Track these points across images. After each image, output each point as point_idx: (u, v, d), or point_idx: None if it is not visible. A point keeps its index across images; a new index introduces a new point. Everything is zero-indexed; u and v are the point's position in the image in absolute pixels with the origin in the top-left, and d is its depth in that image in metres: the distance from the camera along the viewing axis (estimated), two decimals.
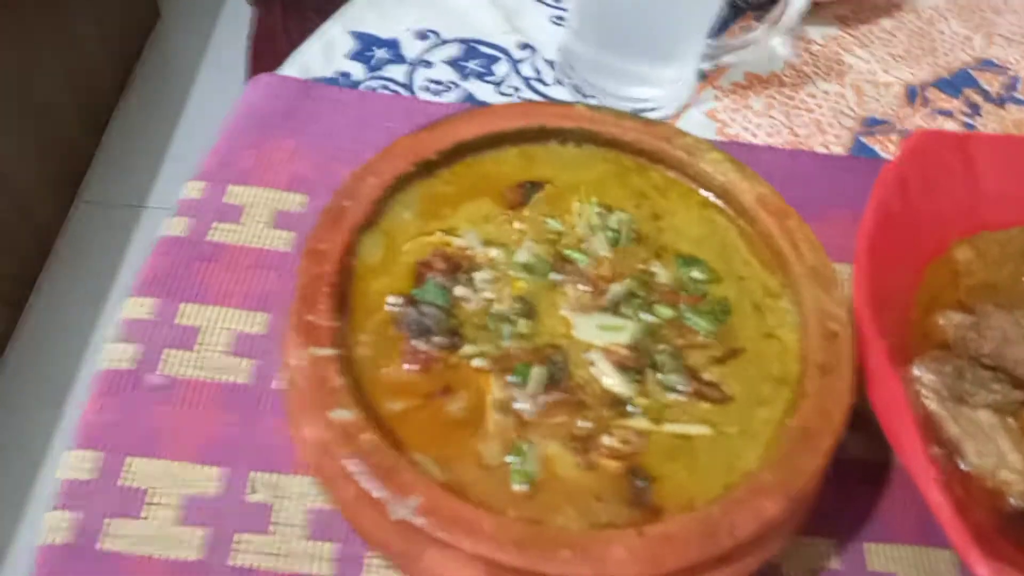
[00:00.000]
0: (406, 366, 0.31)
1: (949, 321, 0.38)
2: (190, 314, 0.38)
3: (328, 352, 0.29)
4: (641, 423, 0.30)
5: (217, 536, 0.32)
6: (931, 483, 0.29)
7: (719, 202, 0.37)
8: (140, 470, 0.33)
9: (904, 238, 0.38)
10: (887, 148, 0.52)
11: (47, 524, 0.32)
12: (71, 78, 1.25)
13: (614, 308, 0.33)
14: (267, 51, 0.97)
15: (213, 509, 0.33)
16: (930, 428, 0.34)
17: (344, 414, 0.27)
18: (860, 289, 0.34)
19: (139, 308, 0.38)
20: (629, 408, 0.30)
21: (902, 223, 0.38)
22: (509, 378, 0.31)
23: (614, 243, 0.35)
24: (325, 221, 0.32)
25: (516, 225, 0.35)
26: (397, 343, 0.31)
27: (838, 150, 0.51)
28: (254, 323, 0.38)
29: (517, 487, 0.28)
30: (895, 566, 0.34)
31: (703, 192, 0.37)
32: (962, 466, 0.33)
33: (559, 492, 0.28)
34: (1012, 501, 0.32)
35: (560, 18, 0.56)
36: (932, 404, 0.35)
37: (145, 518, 0.32)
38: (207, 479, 0.33)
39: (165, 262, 0.40)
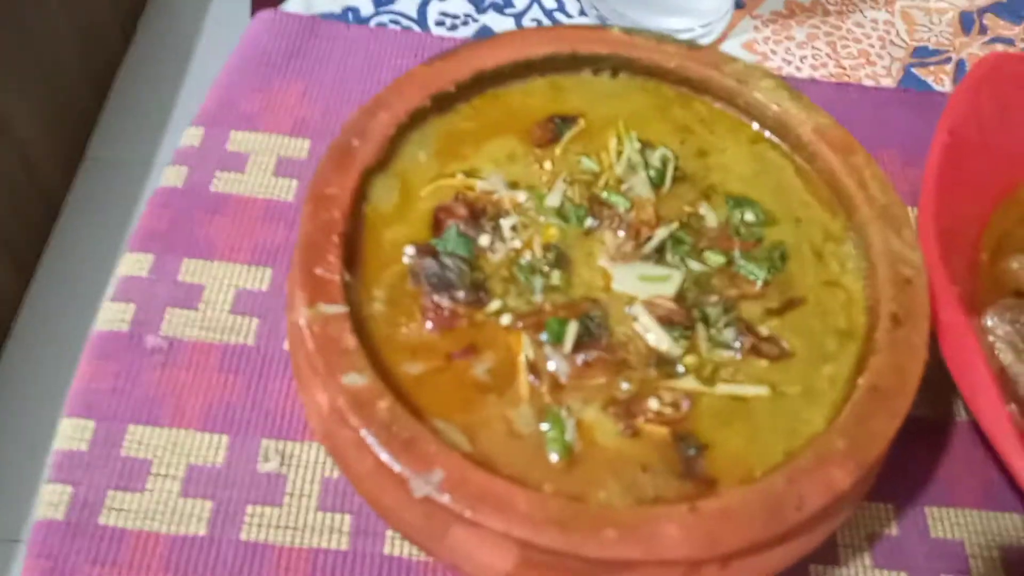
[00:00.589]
0: (426, 324, 0.28)
1: (1022, 265, 0.35)
2: (192, 270, 0.36)
3: (338, 309, 0.26)
4: (690, 384, 0.27)
5: (226, 509, 0.31)
6: (1010, 441, 0.27)
7: (773, 136, 0.33)
8: (141, 439, 0.32)
9: (973, 174, 0.35)
10: (941, 81, 0.49)
11: (44, 498, 0.31)
12: (76, 33, 1.24)
13: (658, 256, 0.30)
14: None
15: (221, 480, 0.31)
16: (1005, 384, 0.32)
17: (358, 379, 0.24)
18: (926, 231, 0.31)
19: (137, 265, 0.36)
20: (677, 368, 0.28)
21: (972, 157, 0.35)
22: (541, 336, 0.28)
23: (656, 184, 0.32)
24: (332, 162, 0.28)
25: (546, 165, 0.33)
26: (415, 299, 0.28)
27: (887, 82, 0.48)
28: (260, 279, 0.36)
29: (553, 458, 0.25)
30: (959, 532, 0.32)
31: (754, 125, 0.34)
32: None
33: (600, 463, 0.25)
34: None
35: None
36: (1007, 358, 0.32)
37: (149, 490, 0.31)
38: (214, 447, 0.32)
39: (164, 215, 0.38)
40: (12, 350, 1.09)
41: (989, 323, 0.33)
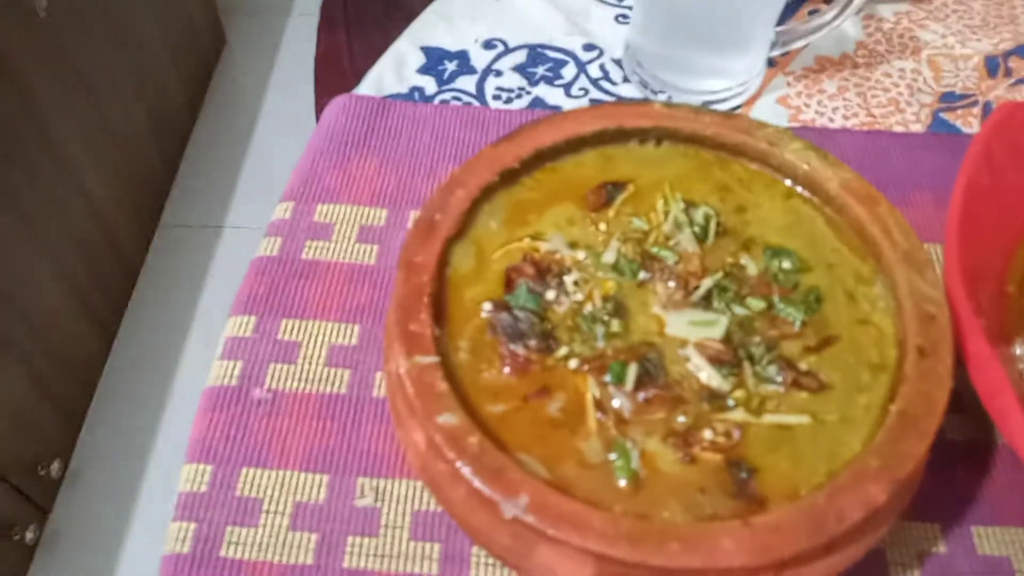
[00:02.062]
0: (504, 370, 0.31)
1: None
2: (290, 329, 0.39)
3: (431, 360, 0.30)
4: (740, 415, 0.30)
5: (329, 540, 0.33)
6: None
7: (804, 191, 0.36)
8: (253, 480, 0.35)
9: (995, 213, 0.38)
10: (969, 123, 0.50)
11: (170, 535, 0.34)
12: (147, 107, 1.30)
13: (705, 303, 0.33)
14: (332, 70, 1.00)
15: (324, 514, 0.34)
16: None
17: (451, 418, 0.28)
18: (952, 269, 0.34)
19: (241, 326, 0.39)
20: (727, 401, 0.31)
21: (992, 198, 0.37)
22: (605, 377, 0.31)
23: (701, 238, 0.35)
24: (418, 234, 0.33)
25: (601, 226, 0.36)
26: (494, 348, 0.32)
27: (917, 128, 0.50)
28: (350, 335, 0.39)
29: (621, 483, 0.29)
30: (1007, 549, 0.33)
31: (787, 182, 0.37)
32: None
33: (662, 487, 0.29)
34: None
35: (624, 16, 0.57)
36: None
37: (262, 526, 0.33)
38: (316, 486, 0.35)
39: (262, 281, 0.41)
40: (97, 407, 1.15)
41: (1019, 351, 0.35)
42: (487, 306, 0.33)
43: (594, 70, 0.53)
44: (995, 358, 0.31)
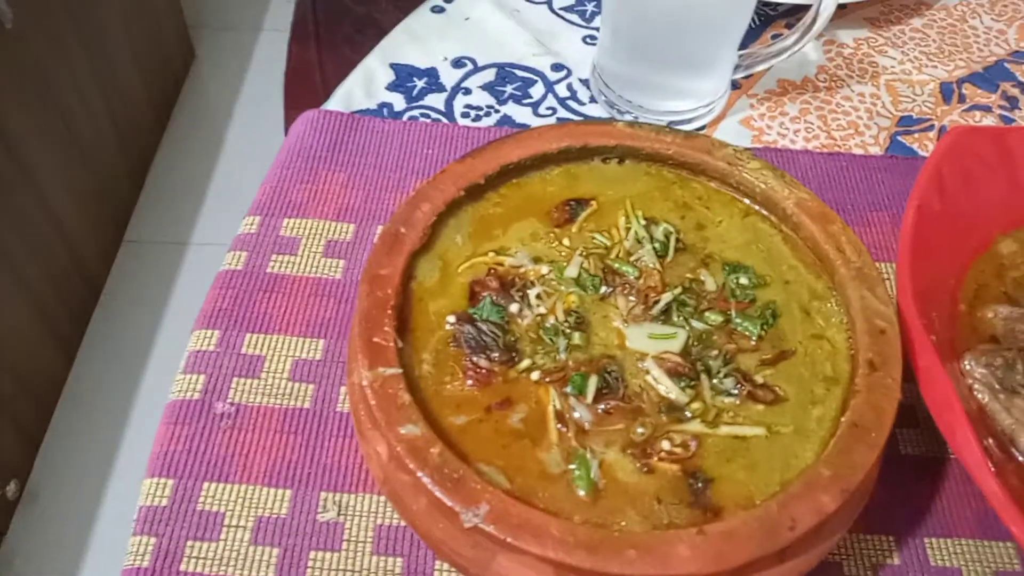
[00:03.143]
0: (467, 381, 0.32)
1: (997, 314, 0.38)
2: (254, 343, 0.39)
3: (393, 371, 0.30)
4: (697, 427, 0.31)
5: (291, 555, 0.33)
6: (985, 473, 0.30)
7: (761, 209, 0.37)
8: (214, 494, 0.35)
9: (946, 235, 0.39)
10: (925, 147, 0.52)
11: (131, 548, 0.34)
12: (113, 120, 1.29)
13: (665, 317, 0.34)
14: (302, 85, 1.00)
15: (286, 529, 0.34)
16: (983, 421, 0.35)
17: (413, 429, 0.29)
18: (904, 286, 0.35)
19: (205, 340, 0.39)
20: (685, 413, 0.31)
21: (942, 221, 0.38)
22: (566, 389, 0.32)
23: (661, 254, 0.36)
24: (383, 247, 0.33)
25: (564, 242, 0.37)
26: (457, 360, 0.32)
27: (875, 150, 0.52)
28: (314, 349, 0.39)
29: (580, 493, 0.29)
30: (958, 560, 0.34)
31: (745, 200, 0.38)
32: (1018, 457, 0.34)
33: (621, 496, 0.29)
34: None
35: (592, 37, 0.58)
36: (984, 397, 0.35)
37: (223, 540, 0.34)
38: (278, 500, 0.35)
39: (227, 295, 0.41)
40: (56, 425, 1.13)
41: (967, 366, 0.36)
42: (451, 319, 0.33)
43: (562, 90, 0.54)
44: (944, 373, 0.32)
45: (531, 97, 0.54)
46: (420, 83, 0.54)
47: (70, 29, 1.15)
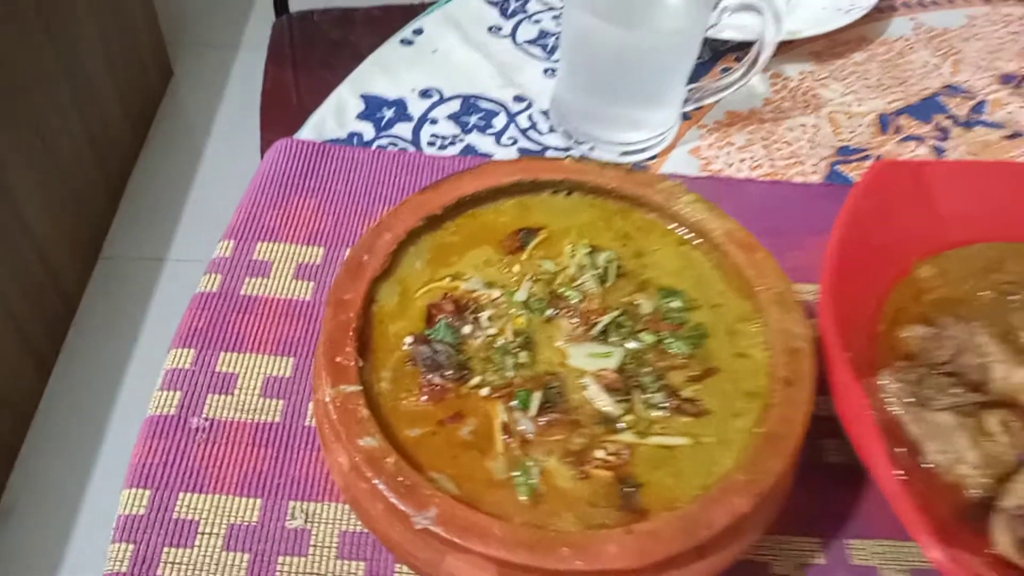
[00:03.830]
0: (422, 397, 0.35)
1: (912, 333, 0.41)
2: (228, 362, 0.42)
3: (354, 388, 0.33)
4: (629, 437, 0.34)
5: (261, 559, 0.36)
6: (890, 477, 0.33)
7: (694, 239, 0.41)
8: (190, 504, 0.37)
9: (867, 261, 0.42)
10: (861, 176, 0.55)
11: (110, 555, 0.36)
12: (90, 137, 1.30)
13: (603, 337, 0.37)
14: (278, 107, 1.02)
15: (256, 535, 0.36)
16: (894, 430, 0.38)
17: (371, 441, 0.31)
18: (826, 308, 0.38)
19: (180, 358, 0.42)
20: (618, 425, 0.34)
21: (864, 248, 0.42)
22: (513, 403, 0.35)
23: (602, 280, 0.39)
24: (347, 273, 0.36)
25: (515, 268, 0.40)
26: (414, 377, 0.35)
27: (815, 179, 0.55)
28: (284, 367, 0.42)
29: (522, 498, 0.32)
30: (875, 559, 0.37)
31: (680, 231, 0.41)
32: (924, 464, 0.37)
33: (559, 500, 0.32)
34: (970, 493, 0.36)
35: (553, 70, 0.61)
36: (896, 409, 0.38)
37: (197, 546, 0.36)
38: (249, 509, 0.37)
39: (202, 316, 0.43)
40: (32, 440, 1.13)
41: (882, 381, 0.39)
42: (408, 339, 0.36)
43: (523, 120, 0.57)
44: (858, 387, 0.36)
45: (494, 127, 0.56)
46: (389, 113, 0.57)
47: (46, 43, 1.15)
